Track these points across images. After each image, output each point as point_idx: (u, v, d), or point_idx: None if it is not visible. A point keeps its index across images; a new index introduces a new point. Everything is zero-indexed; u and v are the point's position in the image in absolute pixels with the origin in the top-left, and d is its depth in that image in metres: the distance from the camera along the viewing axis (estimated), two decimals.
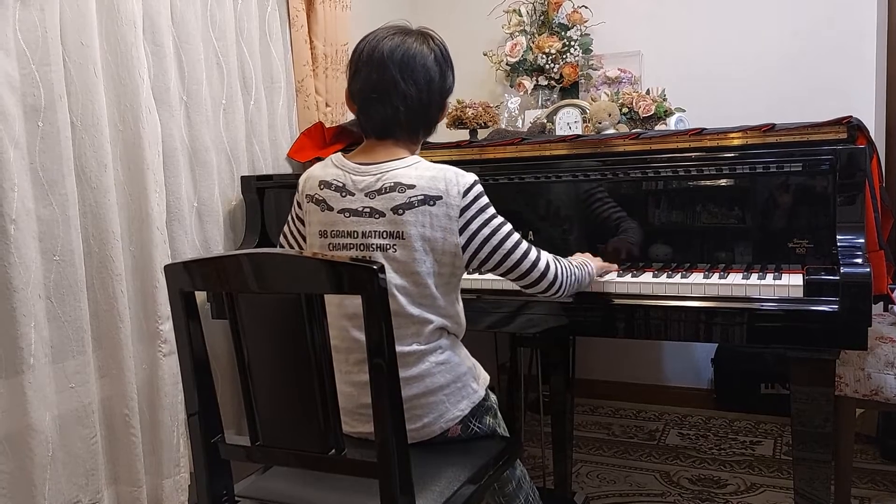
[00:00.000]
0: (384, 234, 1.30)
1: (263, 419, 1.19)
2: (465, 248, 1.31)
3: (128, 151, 1.72)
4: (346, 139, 2.30)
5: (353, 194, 1.33)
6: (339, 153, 1.40)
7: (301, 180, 1.42)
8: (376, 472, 1.07)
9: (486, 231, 1.31)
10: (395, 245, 1.29)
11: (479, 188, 1.32)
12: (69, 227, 1.56)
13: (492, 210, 1.34)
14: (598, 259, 1.63)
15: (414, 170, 1.31)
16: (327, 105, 2.35)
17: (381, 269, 1.04)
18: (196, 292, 1.20)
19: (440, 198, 1.29)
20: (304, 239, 1.45)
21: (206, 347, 1.22)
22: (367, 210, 1.31)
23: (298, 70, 2.29)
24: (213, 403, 1.23)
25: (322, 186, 1.36)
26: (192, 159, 1.93)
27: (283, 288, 1.11)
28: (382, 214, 1.30)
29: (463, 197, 1.30)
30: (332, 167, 1.37)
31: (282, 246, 1.53)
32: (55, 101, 1.52)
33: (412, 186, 1.29)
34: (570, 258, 1.50)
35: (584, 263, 1.51)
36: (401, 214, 1.29)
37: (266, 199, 2.09)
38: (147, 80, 1.73)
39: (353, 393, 1.34)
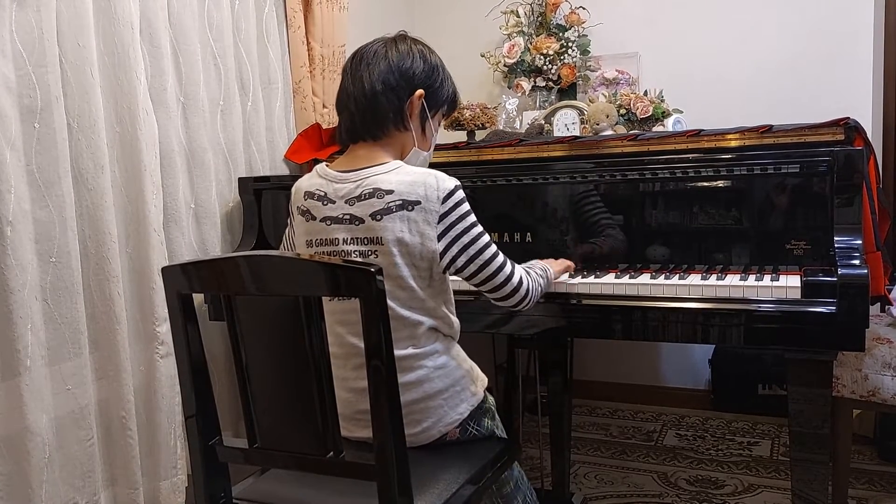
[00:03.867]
0: (364, 240, 1.29)
1: (261, 421, 1.19)
2: (442, 254, 1.30)
3: (125, 153, 1.71)
4: None
5: (333, 202, 1.32)
6: (324, 163, 1.40)
7: (292, 192, 1.42)
8: (374, 475, 1.07)
9: (466, 239, 1.30)
10: (375, 251, 1.29)
11: (460, 194, 1.30)
12: (66, 229, 1.56)
13: (472, 218, 1.32)
14: (560, 262, 1.64)
15: (394, 175, 1.30)
16: (324, 106, 2.35)
17: (379, 271, 1.04)
18: (193, 294, 1.20)
19: (419, 203, 1.27)
20: (294, 247, 1.46)
21: (204, 349, 1.22)
22: (347, 217, 1.30)
23: (296, 71, 2.29)
24: (210, 405, 1.23)
25: (306, 197, 1.36)
26: (190, 161, 1.92)
27: (280, 290, 1.10)
28: (362, 221, 1.29)
29: (443, 203, 1.28)
30: (315, 177, 1.37)
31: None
32: (52, 102, 1.52)
33: (391, 192, 1.28)
34: (531, 264, 1.50)
35: (545, 269, 1.51)
36: (378, 220, 1.28)
37: (263, 200, 2.09)
38: (144, 81, 1.73)
39: (352, 399, 1.33)
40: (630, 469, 2.43)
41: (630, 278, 1.60)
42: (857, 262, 1.40)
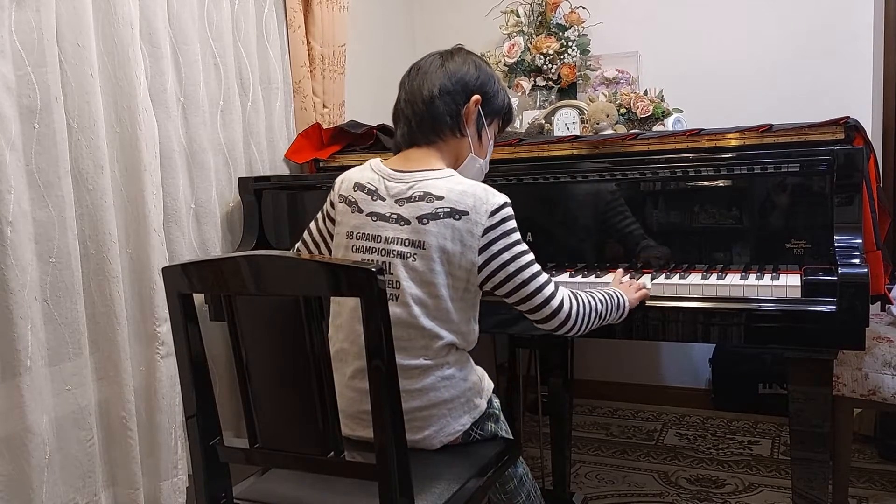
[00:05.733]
0: (406, 241, 1.29)
1: (262, 421, 1.19)
2: (481, 268, 1.29)
3: (125, 153, 1.71)
4: (343, 140, 2.30)
5: (383, 199, 1.33)
6: (378, 159, 1.41)
7: (338, 181, 1.43)
8: (375, 474, 1.07)
9: (506, 256, 1.29)
10: (415, 254, 1.29)
11: (508, 211, 1.30)
12: (65, 229, 1.56)
13: (517, 235, 1.31)
14: (636, 286, 1.51)
15: (446, 182, 1.31)
16: (325, 106, 2.35)
17: (380, 271, 1.04)
18: (194, 294, 1.20)
19: (467, 213, 1.28)
20: (330, 237, 1.45)
21: (204, 349, 1.22)
22: (395, 216, 1.31)
23: (296, 71, 2.29)
24: (211, 405, 1.23)
25: (356, 189, 1.37)
26: (190, 161, 1.92)
27: (281, 290, 1.10)
28: (408, 222, 1.30)
29: (490, 217, 1.28)
30: (368, 171, 1.39)
31: (304, 241, 1.52)
32: (51, 102, 1.52)
33: (441, 198, 1.29)
34: (599, 290, 1.43)
35: (615, 295, 1.42)
36: (424, 224, 1.28)
37: (264, 200, 2.09)
38: (144, 81, 1.73)
39: (356, 398, 1.33)
40: (631, 468, 2.43)
41: (630, 278, 1.59)
42: (857, 260, 1.40)
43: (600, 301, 1.39)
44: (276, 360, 1.16)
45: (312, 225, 1.51)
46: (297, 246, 1.55)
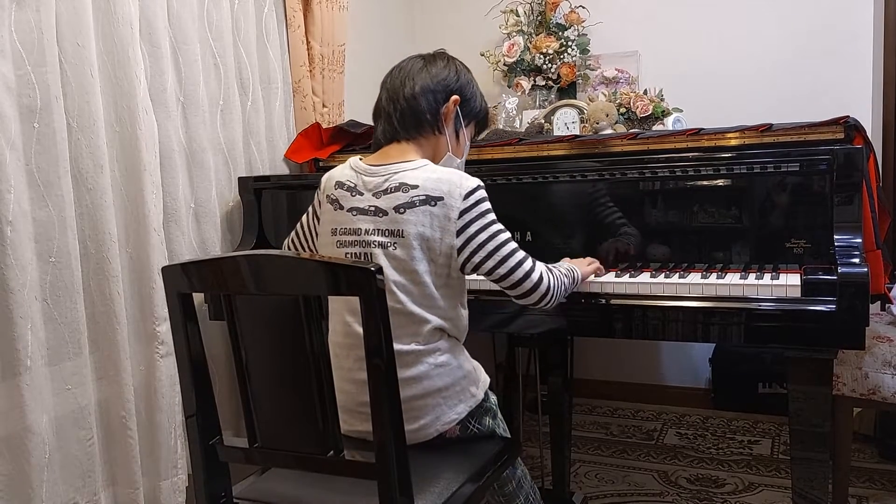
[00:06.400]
0: (385, 231, 1.33)
1: (262, 421, 1.19)
2: (460, 250, 1.32)
3: (124, 152, 1.71)
4: (343, 140, 2.30)
5: (361, 194, 1.37)
6: (357, 157, 1.44)
7: (323, 179, 1.47)
8: (375, 473, 1.07)
9: (484, 236, 1.33)
10: (395, 243, 1.32)
11: (481, 193, 1.34)
12: (65, 229, 1.56)
13: (492, 216, 1.35)
14: (588, 261, 1.61)
15: (421, 171, 1.35)
16: (324, 106, 2.35)
17: (379, 270, 1.04)
18: (194, 293, 1.20)
19: (442, 199, 1.31)
20: (316, 234, 1.49)
21: (204, 349, 1.22)
22: (373, 209, 1.35)
23: (295, 71, 2.29)
24: (210, 405, 1.23)
25: (337, 187, 1.41)
26: (189, 160, 1.92)
27: (281, 290, 1.10)
28: (385, 213, 1.33)
29: (464, 199, 1.31)
30: (348, 169, 1.43)
31: (297, 233, 1.57)
32: (51, 102, 1.52)
33: (416, 187, 1.32)
34: (558, 265, 1.49)
35: (571, 269, 1.50)
36: (402, 213, 1.32)
37: (263, 199, 2.09)
38: (144, 80, 1.73)
39: (354, 391, 1.34)
40: (630, 468, 2.43)
41: (630, 277, 1.60)
42: (856, 260, 1.40)
43: (566, 275, 1.46)
44: (275, 360, 1.16)
45: (304, 218, 1.56)
46: (291, 236, 1.59)
